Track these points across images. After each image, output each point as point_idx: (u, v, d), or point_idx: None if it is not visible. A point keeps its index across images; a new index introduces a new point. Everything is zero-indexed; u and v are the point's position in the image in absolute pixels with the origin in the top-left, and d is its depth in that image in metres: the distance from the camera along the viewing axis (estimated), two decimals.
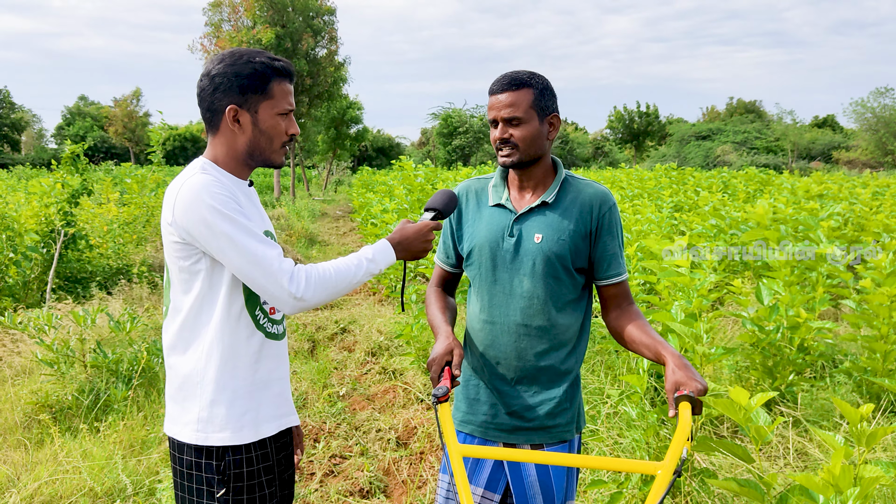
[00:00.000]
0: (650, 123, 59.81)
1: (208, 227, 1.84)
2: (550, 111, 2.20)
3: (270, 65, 1.97)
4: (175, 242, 1.92)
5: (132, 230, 10.79)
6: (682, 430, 1.75)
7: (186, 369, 1.97)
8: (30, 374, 5.60)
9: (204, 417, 1.95)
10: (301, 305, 1.90)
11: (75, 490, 3.86)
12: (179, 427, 1.99)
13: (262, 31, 23.79)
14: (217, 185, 1.89)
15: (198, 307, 1.95)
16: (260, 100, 1.97)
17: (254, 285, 1.89)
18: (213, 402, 1.95)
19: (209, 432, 1.95)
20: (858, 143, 57.60)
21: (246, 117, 1.98)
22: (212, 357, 1.95)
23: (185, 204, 1.86)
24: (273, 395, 2.07)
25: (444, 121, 56.59)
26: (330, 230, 18.55)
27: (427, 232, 2.14)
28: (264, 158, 2.04)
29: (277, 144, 2.03)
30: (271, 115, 1.99)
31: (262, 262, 1.86)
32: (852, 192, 13.12)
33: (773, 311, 4.73)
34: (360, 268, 2.00)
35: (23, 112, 70.73)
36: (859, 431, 2.36)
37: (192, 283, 1.95)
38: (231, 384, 1.97)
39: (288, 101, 2.01)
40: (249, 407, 2.00)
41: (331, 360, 6.58)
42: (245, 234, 1.86)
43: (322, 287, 1.92)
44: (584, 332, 2.31)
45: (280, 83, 1.99)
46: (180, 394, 1.99)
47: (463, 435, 2.33)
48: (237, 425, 1.97)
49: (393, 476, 4.34)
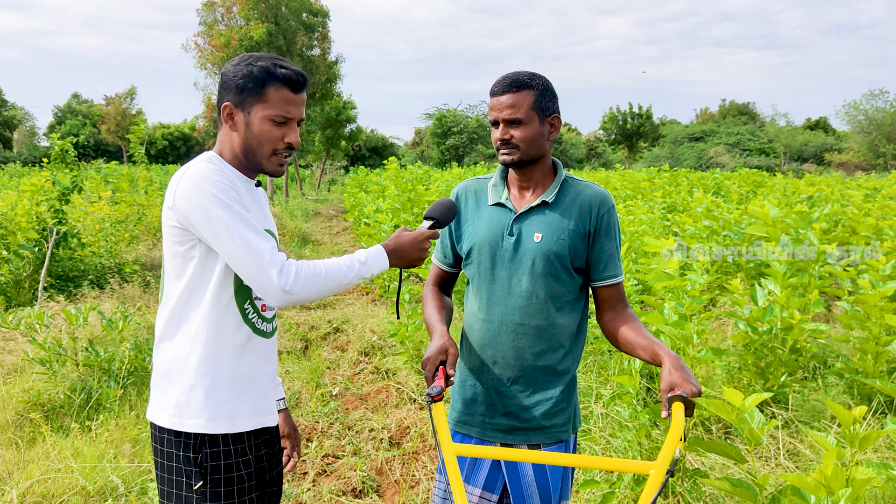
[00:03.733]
0: (643, 125, 59.89)
1: (205, 212, 1.86)
2: (551, 112, 2.21)
3: (270, 69, 1.97)
4: (173, 227, 1.94)
5: (124, 228, 10.76)
6: (674, 430, 1.76)
7: (172, 354, 1.99)
8: (21, 372, 5.58)
9: (182, 402, 1.97)
10: (289, 299, 1.89)
11: (67, 489, 3.85)
12: (159, 411, 2.00)
13: (255, 27, 23.77)
14: (219, 174, 1.92)
15: (188, 293, 1.97)
16: (254, 101, 1.98)
17: (244, 274, 1.90)
18: (192, 386, 1.97)
19: (185, 417, 1.96)
20: (851, 146, 57.85)
21: (240, 117, 1.99)
22: (196, 343, 1.97)
23: (186, 189, 1.89)
24: (253, 392, 2.07)
25: (437, 121, 56.58)
26: (323, 230, 18.53)
27: (423, 241, 2.13)
28: (256, 163, 2.04)
29: (268, 150, 2.02)
30: (262, 118, 1.98)
31: (254, 251, 1.87)
32: (844, 195, 13.17)
33: (768, 312, 4.74)
34: (352, 269, 2.00)
35: (15, 110, 70.36)
36: (852, 433, 2.37)
37: (185, 269, 1.97)
38: (212, 372, 1.98)
39: (284, 109, 1.99)
40: (228, 398, 2.00)
41: (324, 360, 6.58)
42: (241, 223, 1.87)
43: (311, 283, 1.92)
44: (581, 333, 2.32)
45: (278, 89, 1.98)
46: (164, 379, 2.01)
47: (460, 435, 2.33)
48: (213, 414, 1.98)
49: (386, 476, 4.34)
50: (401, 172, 13.51)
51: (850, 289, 5.93)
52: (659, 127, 62.41)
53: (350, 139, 37.74)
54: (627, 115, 60.69)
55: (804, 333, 4.88)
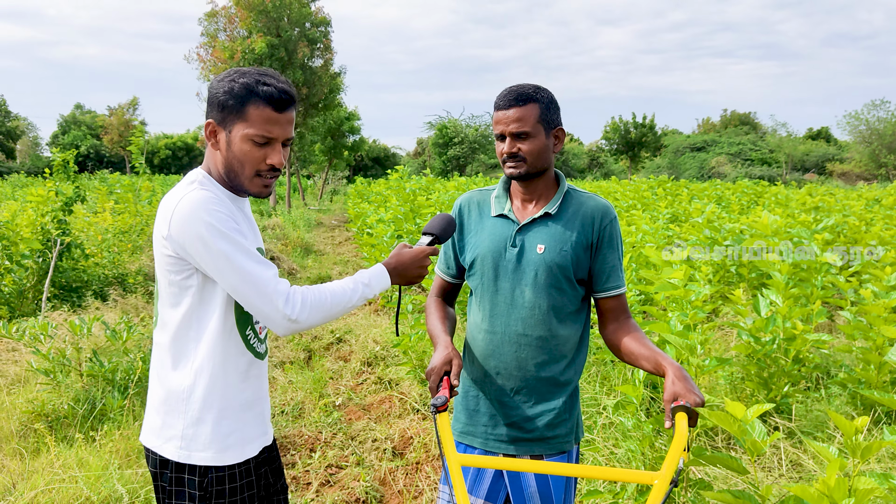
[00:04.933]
0: (645, 135, 59.89)
1: (205, 244, 1.82)
2: (555, 125, 2.23)
3: (252, 86, 1.89)
4: (168, 256, 1.89)
5: (127, 239, 10.78)
6: (678, 440, 1.76)
7: (174, 383, 1.95)
8: (25, 382, 5.59)
9: (189, 435, 1.94)
10: (294, 327, 1.89)
11: (71, 499, 3.85)
12: (161, 441, 1.97)
13: (256, 39, 23.85)
14: (216, 202, 1.87)
15: (186, 323, 1.93)
16: (235, 120, 1.90)
17: (248, 305, 1.88)
18: (198, 420, 1.93)
19: (192, 450, 1.94)
20: (852, 156, 57.83)
21: (223, 136, 1.93)
22: (201, 375, 1.93)
23: (182, 219, 1.83)
24: (255, 415, 2.07)
25: (439, 131, 56.63)
26: (325, 240, 18.54)
27: (424, 258, 2.15)
28: (238, 183, 1.97)
29: (249, 172, 1.94)
30: (243, 137, 1.90)
31: (258, 282, 1.84)
32: (846, 205, 13.18)
33: (770, 323, 4.75)
34: (356, 292, 2.00)
35: (18, 120, 70.58)
36: (854, 444, 2.37)
37: (181, 298, 1.93)
38: (218, 403, 1.95)
39: (265, 129, 1.90)
40: (235, 428, 1.99)
41: (326, 370, 6.58)
42: (242, 254, 1.84)
43: (317, 310, 1.91)
44: (583, 344, 2.33)
45: (259, 107, 1.89)
46: (164, 407, 1.97)
47: (463, 446, 2.34)
48: (221, 446, 1.96)
49: (389, 486, 4.34)
50: (402, 183, 13.55)
51: (852, 299, 5.93)
52: (661, 137, 62.42)
53: (352, 149, 37.79)
54: (631, 125, 60.72)
55: (807, 344, 4.88)
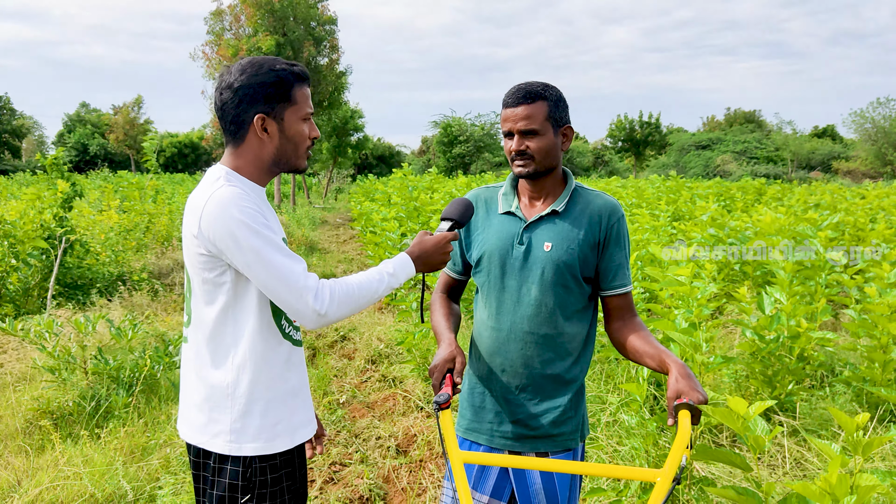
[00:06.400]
0: (651, 133, 59.85)
1: (236, 241, 1.84)
2: (564, 122, 2.22)
3: (291, 70, 1.99)
4: (200, 254, 1.91)
5: (132, 237, 10.81)
6: (681, 438, 1.77)
7: (215, 381, 1.97)
8: (31, 380, 5.62)
9: (237, 429, 1.97)
10: (324, 321, 1.91)
11: (76, 496, 3.87)
12: (207, 437, 1.99)
13: (263, 38, 23.87)
14: (245, 199, 1.89)
15: (223, 319, 1.96)
16: (285, 106, 1.99)
17: (278, 300, 1.89)
18: (245, 413, 1.97)
19: (242, 442, 1.97)
20: (858, 154, 57.78)
21: (273, 125, 1.99)
22: (244, 370, 1.96)
23: (213, 216, 1.86)
24: (302, 402, 2.10)
25: (444, 129, 56.62)
26: (330, 238, 18.57)
27: (446, 244, 2.16)
28: (290, 164, 2.07)
29: (303, 149, 2.06)
30: (296, 120, 2.01)
31: (288, 277, 1.86)
32: (852, 204, 13.15)
33: (775, 321, 4.74)
34: (382, 282, 2.01)
35: (23, 119, 70.76)
36: (855, 441, 2.37)
37: (216, 295, 1.95)
38: (264, 395, 1.98)
39: (309, 105, 2.04)
40: (282, 416, 2.02)
41: (331, 368, 6.59)
42: (272, 249, 1.86)
43: (345, 303, 1.93)
44: (589, 342, 2.33)
45: (301, 88, 2.01)
46: (207, 404, 1.99)
47: (468, 443, 2.34)
48: (270, 435, 1.99)
49: (393, 483, 4.35)
50: (405, 181, 13.56)
51: (857, 297, 5.92)
52: (666, 135, 62.36)
53: (357, 148, 37.82)
54: (636, 123, 60.66)
55: (811, 342, 4.87)
